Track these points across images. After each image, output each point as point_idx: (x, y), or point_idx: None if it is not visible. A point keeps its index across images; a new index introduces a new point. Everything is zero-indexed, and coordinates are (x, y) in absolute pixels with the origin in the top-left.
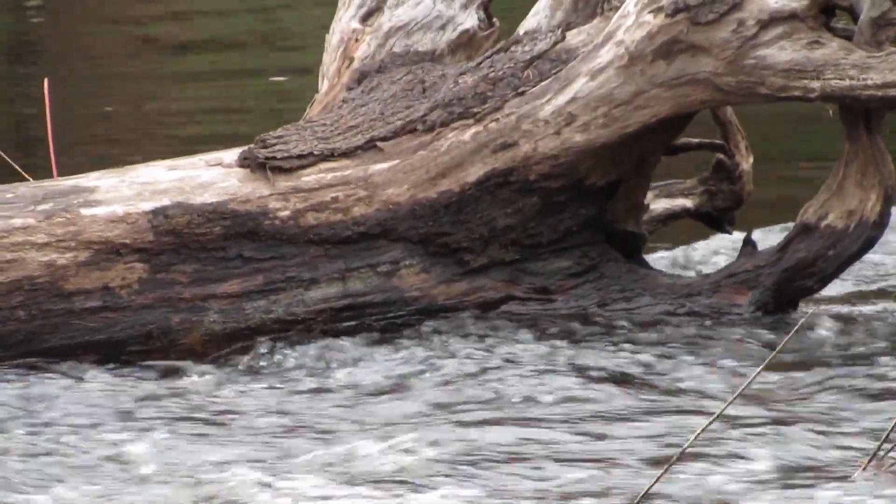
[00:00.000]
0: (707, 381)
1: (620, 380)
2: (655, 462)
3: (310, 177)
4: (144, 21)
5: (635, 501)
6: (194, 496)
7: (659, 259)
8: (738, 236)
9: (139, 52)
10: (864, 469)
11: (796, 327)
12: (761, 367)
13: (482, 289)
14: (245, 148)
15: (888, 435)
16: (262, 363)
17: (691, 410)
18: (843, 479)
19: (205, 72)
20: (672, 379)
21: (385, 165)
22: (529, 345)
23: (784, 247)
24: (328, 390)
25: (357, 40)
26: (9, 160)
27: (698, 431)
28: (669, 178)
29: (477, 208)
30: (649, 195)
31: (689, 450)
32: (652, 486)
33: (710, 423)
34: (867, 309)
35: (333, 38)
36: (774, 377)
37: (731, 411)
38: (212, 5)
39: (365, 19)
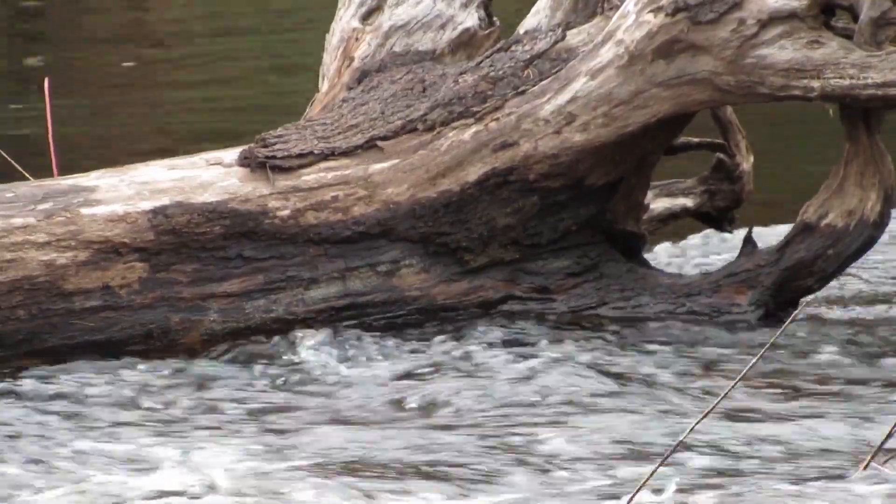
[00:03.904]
0: (706, 379)
1: (619, 378)
2: (651, 457)
3: (310, 176)
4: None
5: (631, 496)
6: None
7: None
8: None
9: (140, 50)
10: (865, 467)
11: (789, 321)
12: (753, 361)
13: (482, 288)
14: (245, 147)
15: (890, 434)
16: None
17: (691, 408)
18: (843, 477)
19: (206, 71)
20: (670, 378)
21: (385, 165)
22: (528, 344)
23: (784, 246)
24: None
25: (357, 39)
26: (9, 159)
27: (691, 427)
28: (669, 177)
29: (477, 208)
30: (649, 195)
31: (688, 446)
32: (646, 480)
33: (703, 417)
34: (866, 307)
35: (334, 38)
36: (772, 374)
37: (728, 408)
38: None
39: (365, 18)
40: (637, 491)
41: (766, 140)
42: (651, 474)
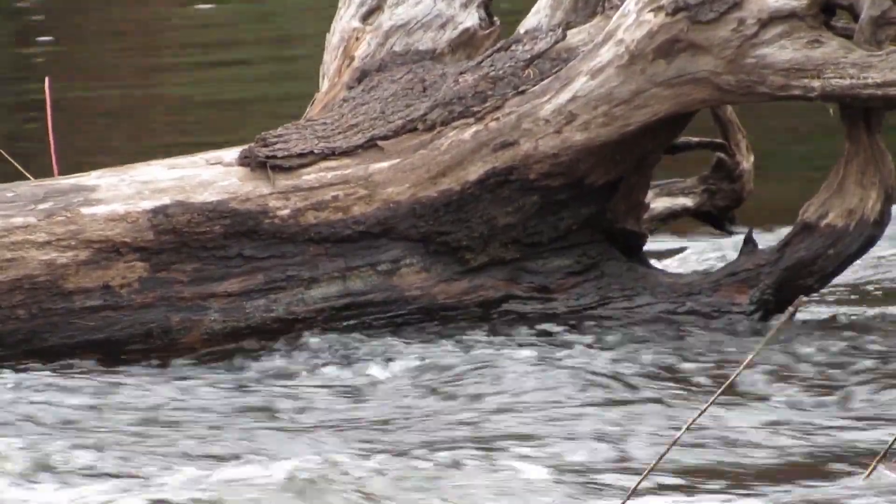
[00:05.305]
0: (705, 379)
1: (617, 377)
2: (647, 457)
3: (310, 175)
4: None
5: (627, 496)
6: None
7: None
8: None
9: (141, 49)
10: (871, 471)
11: (785, 317)
12: (749, 358)
13: (482, 287)
14: (245, 147)
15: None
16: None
17: (689, 408)
18: (849, 480)
19: (206, 69)
20: (670, 376)
21: (385, 164)
22: (528, 343)
23: (784, 245)
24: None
25: (357, 39)
26: (10, 159)
27: (686, 425)
28: (670, 176)
29: (477, 207)
30: (649, 194)
31: (686, 448)
32: (642, 479)
33: (698, 416)
34: (866, 307)
35: (334, 37)
36: (773, 375)
37: (729, 408)
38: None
39: (365, 18)
40: (633, 490)
41: (766, 139)
42: (647, 473)
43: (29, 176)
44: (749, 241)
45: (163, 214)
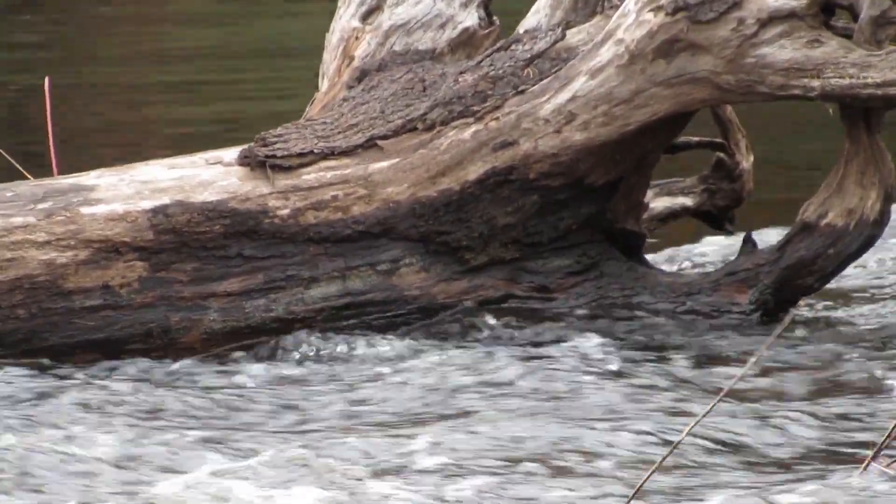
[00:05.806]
0: (705, 378)
1: (618, 377)
2: (650, 458)
3: (310, 175)
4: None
5: (630, 497)
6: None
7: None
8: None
9: (142, 50)
10: (866, 467)
11: (787, 319)
12: (752, 360)
13: (482, 287)
14: (245, 146)
15: (890, 433)
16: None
17: (689, 408)
18: (845, 477)
19: (207, 70)
20: (670, 376)
21: (385, 164)
22: (528, 342)
23: (784, 245)
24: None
25: (357, 39)
26: (9, 158)
27: (690, 427)
28: (669, 176)
29: (477, 207)
30: (649, 194)
31: (687, 448)
32: (644, 481)
33: (702, 418)
34: (863, 306)
35: (333, 37)
36: (771, 373)
37: (728, 408)
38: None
39: (365, 18)
40: (636, 492)
41: (766, 139)
42: (649, 475)
43: (28, 175)
44: (748, 241)
45: (162, 214)
